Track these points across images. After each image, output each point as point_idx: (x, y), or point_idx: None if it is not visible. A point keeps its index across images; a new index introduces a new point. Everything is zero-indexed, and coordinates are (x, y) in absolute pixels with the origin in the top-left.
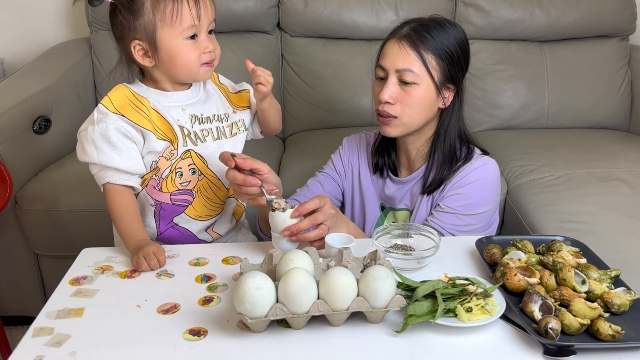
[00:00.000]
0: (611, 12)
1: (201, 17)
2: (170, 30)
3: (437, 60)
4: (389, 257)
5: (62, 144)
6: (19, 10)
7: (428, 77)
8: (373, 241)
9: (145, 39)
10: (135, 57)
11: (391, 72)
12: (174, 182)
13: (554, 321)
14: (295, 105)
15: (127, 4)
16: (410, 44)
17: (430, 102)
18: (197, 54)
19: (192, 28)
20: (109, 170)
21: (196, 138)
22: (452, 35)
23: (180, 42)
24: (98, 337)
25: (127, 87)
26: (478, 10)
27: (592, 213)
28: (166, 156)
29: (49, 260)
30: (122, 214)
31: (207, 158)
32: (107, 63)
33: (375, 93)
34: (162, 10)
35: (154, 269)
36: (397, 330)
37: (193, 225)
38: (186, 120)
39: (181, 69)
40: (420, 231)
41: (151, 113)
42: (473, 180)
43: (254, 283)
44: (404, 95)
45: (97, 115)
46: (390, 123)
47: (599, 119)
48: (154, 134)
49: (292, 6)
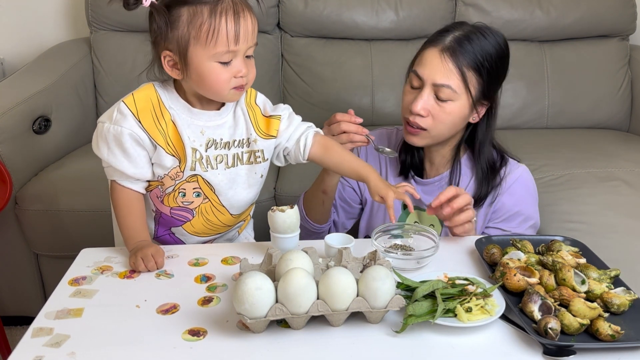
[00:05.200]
0: (611, 12)
1: (239, 41)
2: (203, 50)
3: (477, 77)
4: (388, 257)
5: (62, 144)
6: (19, 10)
7: (465, 94)
8: (373, 241)
9: (177, 52)
10: (164, 67)
11: (428, 83)
12: (176, 200)
13: (553, 321)
14: (295, 105)
15: (163, 13)
16: (453, 58)
17: (463, 118)
18: (228, 77)
19: (227, 54)
20: (117, 171)
21: (207, 164)
22: (494, 48)
23: (212, 64)
24: (97, 337)
25: (156, 89)
26: (478, 10)
27: (592, 213)
28: (171, 176)
29: (49, 260)
30: (125, 213)
31: (215, 185)
32: (107, 63)
33: (406, 101)
34: (197, 27)
35: (151, 270)
36: (396, 331)
37: (189, 239)
38: (201, 144)
39: (209, 89)
40: (419, 231)
41: (169, 126)
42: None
43: (253, 283)
44: (437, 109)
45: (116, 114)
46: (418, 134)
47: (599, 119)
48: (164, 149)
49: (292, 6)
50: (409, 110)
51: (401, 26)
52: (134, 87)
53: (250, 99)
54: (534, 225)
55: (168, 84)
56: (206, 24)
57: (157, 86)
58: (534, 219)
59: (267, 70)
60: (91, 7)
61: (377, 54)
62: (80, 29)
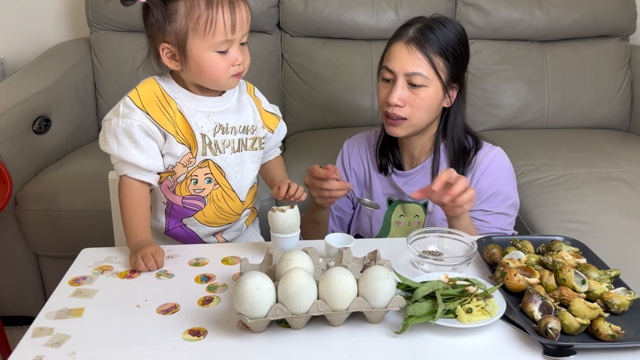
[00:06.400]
0: (611, 12)
1: (236, 30)
2: (202, 41)
3: (445, 61)
4: (424, 263)
5: (62, 144)
6: (19, 10)
7: (436, 79)
8: (408, 246)
9: (175, 44)
10: (163, 59)
11: (400, 75)
12: (188, 188)
13: (553, 321)
14: (295, 105)
15: (160, 7)
16: (419, 47)
17: (438, 102)
18: (227, 66)
19: (225, 43)
20: (128, 165)
21: (216, 148)
22: (454, 34)
23: (211, 54)
24: (97, 337)
25: (158, 82)
26: (478, 10)
27: (592, 213)
28: (183, 163)
29: (49, 260)
30: (131, 212)
31: (224, 169)
32: (107, 63)
33: (382, 95)
34: (195, 20)
35: (151, 269)
36: (397, 331)
37: (200, 229)
38: (209, 129)
39: (208, 78)
40: (454, 236)
41: (176, 115)
42: (497, 176)
43: (253, 283)
44: (413, 97)
45: (123, 108)
46: (399, 125)
47: (599, 119)
48: (174, 137)
49: (292, 6)
50: (387, 103)
51: None
52: (134, 86)
53: (250, 90)
54: (513, 204)
55: (167, 76)
56: (204, 15)
57: (157, 79)
58: (512, 198)
59: (267, 70)
60: (91, 7)
61: (377, 54)
62: (80, 29)
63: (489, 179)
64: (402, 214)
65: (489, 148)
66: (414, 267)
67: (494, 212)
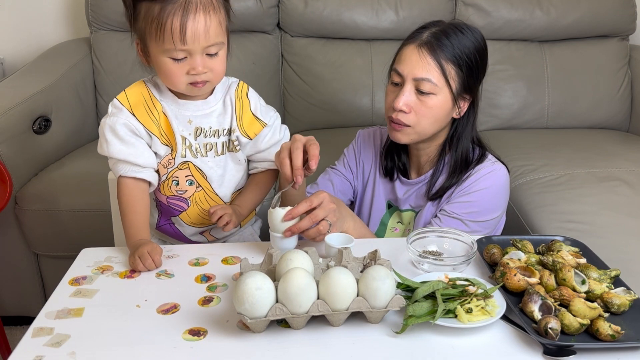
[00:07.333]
0: (611, 12)
1: (187, 41)
2: (155, 45)
3: (457, 70)
4: (424, 263)
5: (62, 144)
6: (19, 10)
7: (446, 88)
8: (408, 246)
9: (141, 43)
10: (138, 54)
11: (408, 79)
12: (171, 188)
13: (553, 321)
14: (295, 105)
15: (129, 6)
16: (431, 52)
17: (446, 112)
18: (181, 73)
19: (180, 52)
20: (121, 163)
21: (197, 151)
22: (472, 42)
23: (165, 58)
24: (98, 337)
25: (147, 85)
26: (478, 10)
27: (592, 213)
28: (164, 164)
29: (49, 260)
30: (128, 211)
31: (205, 172)
32: (107, 63)
33: (389, 99)
34: (149, 23)
35: (149, 269)
36: (397, 331)
37: (186, 230)
38: (190, 132)
39: (166, 81)
40: (455, 236)
41: (160, 117)
42: (481, 188)
43: (253, 283)
44: (419, 104)
45: (111, 109)
46: (402, 130)
47: (599, 119)
48: (159, 139)
49: (292, 6)
50: (392, 108)
51: (401, 26)
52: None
53: (241, 91)
54: (488, 224)
55: (157, 78)
56: (155, 21)
57: (147, 82)
58: (488, 216)
59: (267, 70)
60: (91, 7)
61: (377, 54)
62: (80, 29)
63: (472, 187)
64: (399, 220)
65: (490, 162)
66: (414, 267)
67: (456, 218)
